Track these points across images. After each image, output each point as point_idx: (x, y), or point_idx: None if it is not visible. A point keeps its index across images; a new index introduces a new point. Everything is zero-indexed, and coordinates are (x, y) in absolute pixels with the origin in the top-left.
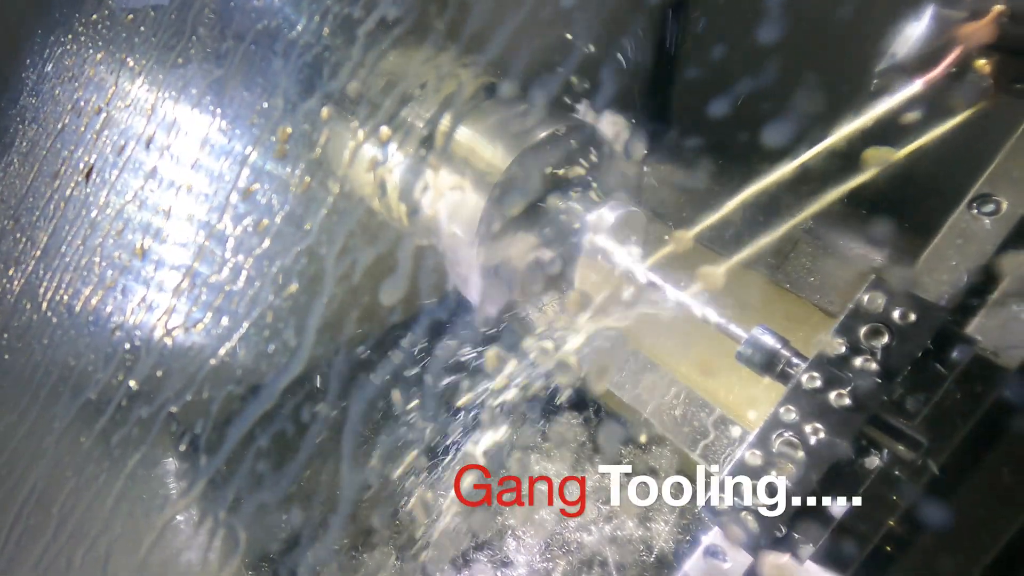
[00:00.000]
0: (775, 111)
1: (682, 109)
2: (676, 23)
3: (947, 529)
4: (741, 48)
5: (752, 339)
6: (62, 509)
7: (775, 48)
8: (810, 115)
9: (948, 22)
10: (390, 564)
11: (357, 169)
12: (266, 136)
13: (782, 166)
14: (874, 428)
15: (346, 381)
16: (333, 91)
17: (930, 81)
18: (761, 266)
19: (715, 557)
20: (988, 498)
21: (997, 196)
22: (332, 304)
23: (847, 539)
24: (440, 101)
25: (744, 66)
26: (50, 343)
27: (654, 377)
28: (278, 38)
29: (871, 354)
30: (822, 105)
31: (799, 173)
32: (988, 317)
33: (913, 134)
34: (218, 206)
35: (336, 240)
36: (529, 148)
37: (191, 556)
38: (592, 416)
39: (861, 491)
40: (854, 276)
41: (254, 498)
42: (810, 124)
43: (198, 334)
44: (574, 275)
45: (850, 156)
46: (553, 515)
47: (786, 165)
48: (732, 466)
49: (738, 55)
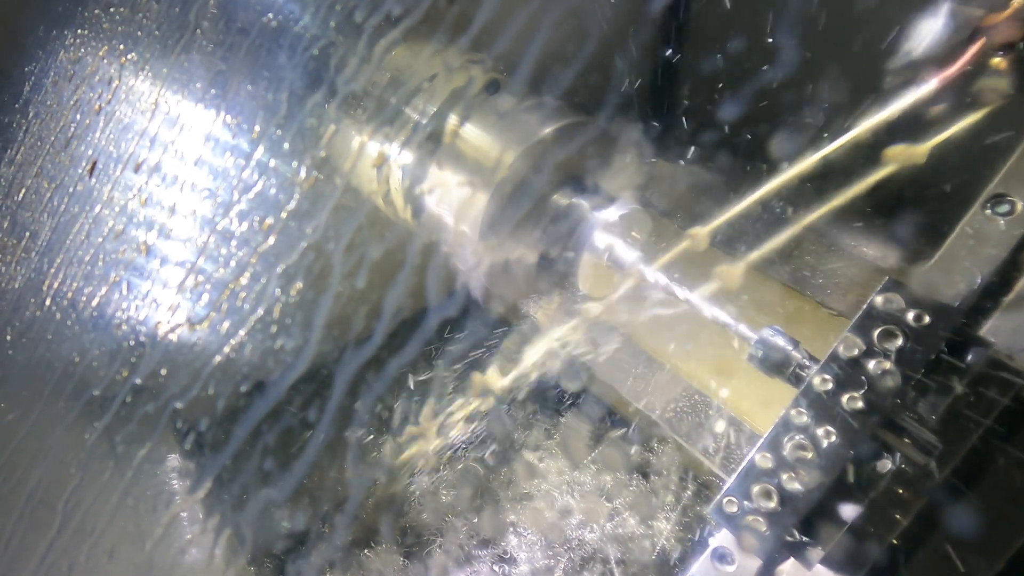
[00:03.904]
0: (779, 108)
1: (688, 105)
2: (682, 17)
3: (959, 533)
4: (746, 45)
5: (763, 340)
6: (66, 505)
7: (781, 44)
8: (822, 111)
9: (965, 19)
10: (396, 563)
11: (362, 165)
12: (272, 130)
13: (793, 163)
14: (887, 431)
15: (353, 378)
16: (339, 86)
17: (946, 79)
18: (765, 265)
19: (723, 560)
20: (1001, 502)
21: (1012, 196)
22: (339, 301)
23: (859, 543)
24: (446, 97)
25: (749, 63)
26: (54, 339)
27: (663, 379)
28: (283, 32)
29: (885, 356)
30: (834, 101)
31: (810, 170)
32: (1003, 319)
33: (928, 132)
34: (223, 202)
35: (343, 236)
36: (535, 145)
37: (196, 553)
38: (599, 417)
39: (873, 495)
40: (859, 275)
41: (260, 496)
42: (822, 120)
43: (203, 330)
44: (579, 274)
45: (863, 154)
46: (556, 513)
47: (797, 163)
48: (742, 469)
49: (743, 51)
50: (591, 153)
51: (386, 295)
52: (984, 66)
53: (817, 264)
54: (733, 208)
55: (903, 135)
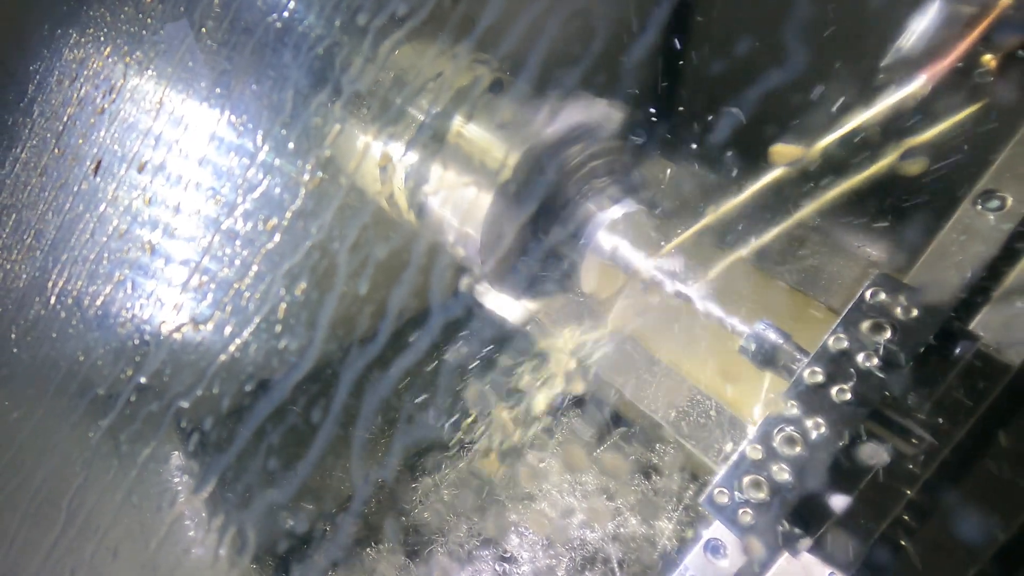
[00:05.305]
0: (780, 106)
1: (693, 105)
2: (686, 15)
3: (948, 525)
4: (751, 45)
5: (754, 334)
6: (71, 504)
7: (785, 44)
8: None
9: (955, 16)
10: (399, 563)
11: (367, 165)
12: (276, 130)
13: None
14: (876, 423)
15: (357, 377)
16: (343, 86)
17: (935, 75)
18: (768, 264)
19: (716, 552)
20: (989, 494)
21: (1002, 192)
22: (343, 300)
23: (848, 534)
24: (451, 97)
25: (749, 61)
26: (59, 338)
27: (669, 382)
28: (288, 31)
29: (873, 350)
30: (832, 98)
31: (808, 167)
32: (992, 313)
33: (918, 129)
34: (228, 201)
35: (347, 236)
36: (538, 145)
37: (200, 553)
38: (603, 420)
39: (862, 486)
40: (862, 274)
41: (264, 495)
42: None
43: (207, 330)
44: (583, 274)
45: (856, 151)
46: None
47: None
48: (733, 460)
49: (748, 51)
50: (596, 153)
51: (390, 295)
52: (974, 62)
53: (820, 264)
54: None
55: (894, 133)
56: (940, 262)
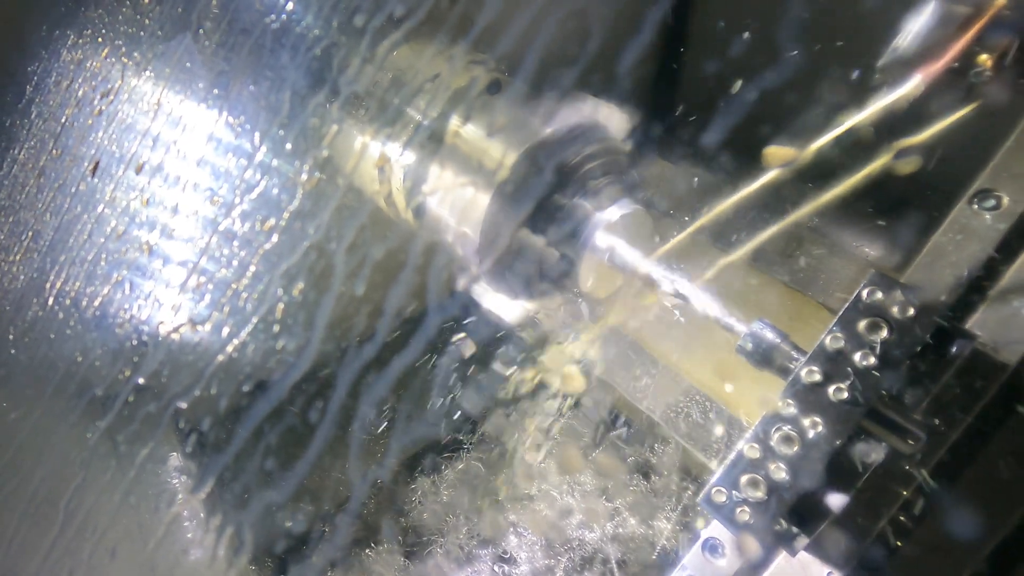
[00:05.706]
0: (778, 105)
1: (690, 105)
2: (684, 15)
3: (945, 523)
4: (748, 45)
5: (752, 333)
6: (69, 504)
7: (782, 44)
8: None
9: (950, 16)
10: (397, 563)
11: (365, 166)
12: (274, 131)
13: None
14: (872, 422)
15: (355, 378)
16: (341, 86)
17: (930, 75)
18: (767, 265)
19: (714, 551)
20: (986, 493)
21: (998, 191)
22: (341, 301)
23: (844, 532)
24: (448, 98)
25: (748, 61)
26: (57, 338)
27: (667, 381)
28: (286, 32)
29: (870, 348)
30: (828, 98)
31: (805, 167)
32: (988, 312)
33: (914, 128)
34: (225, 202)
35: (345, 236)
36: (536, 145)
37: (198, 553)
38: (601, 420)
39: (859, 485)
40: (859, 273)
41: (262, 495)
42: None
43: (205, 330)
44: (581, 274)
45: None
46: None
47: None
48: (731, 459)
49: (744, 51)
50: (592, 153)
51: (388, 295)
52: (969, 62)
53: (819, 264)
54: (729, 203)
55: (890, 132)
56: (937, 261)
